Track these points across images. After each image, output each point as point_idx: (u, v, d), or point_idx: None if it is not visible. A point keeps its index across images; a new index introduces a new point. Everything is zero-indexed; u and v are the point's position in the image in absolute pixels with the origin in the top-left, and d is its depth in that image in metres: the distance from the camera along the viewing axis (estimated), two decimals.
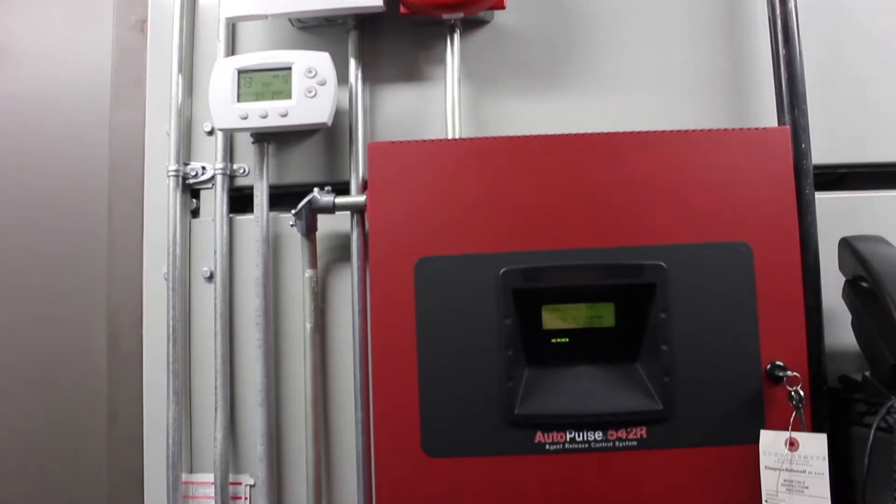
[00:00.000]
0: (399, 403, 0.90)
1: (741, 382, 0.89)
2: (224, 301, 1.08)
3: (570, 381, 0.92)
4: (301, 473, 1.06)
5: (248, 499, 1.08)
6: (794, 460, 0.85)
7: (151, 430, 1.11)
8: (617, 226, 0.92)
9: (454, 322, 0.91)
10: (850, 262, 0.93)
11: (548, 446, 0.89)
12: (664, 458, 0.89)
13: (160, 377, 1.09)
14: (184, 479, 1.08)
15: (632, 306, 0.93)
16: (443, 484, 0.89)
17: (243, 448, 1.09)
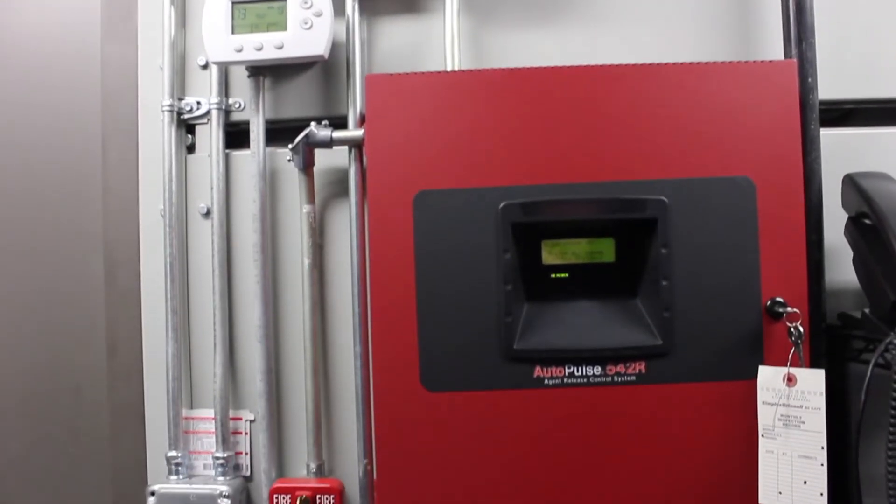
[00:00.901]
0: (398, 338, 0.90)
1: (741, 318, 0.89)
2: (221, 237, 1.08)
3: (569, 316, 0.92)
4: (301, 408, 1.06)
5: (248, 434, 1.09)
6: (791, 396, 0.85)
7: (151, 367, 1.11)
8: (618, 160, 0.91)
9: (453, 256, 0.90)
10: (853, 198, 0.92)
11: (546, 381, 0.89)
12: (663, 393, 0.89)
13: (158, 314, 1.09)
14: (184, 415, 1.09)
15: (632, 241, 0.92)
16: (441, 418, 0.90)
17: (243, 384, 1.09)
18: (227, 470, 1.06)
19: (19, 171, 1.36)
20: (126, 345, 1.14)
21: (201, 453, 1.09)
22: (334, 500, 0.98)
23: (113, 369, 1.15)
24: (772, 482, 0.86)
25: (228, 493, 1.02)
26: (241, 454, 1.09)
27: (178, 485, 1.05)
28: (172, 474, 1.07)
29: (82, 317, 1.32)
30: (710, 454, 0.89)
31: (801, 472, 0.84)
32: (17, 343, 1.36)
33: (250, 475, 1.09)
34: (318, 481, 1.02)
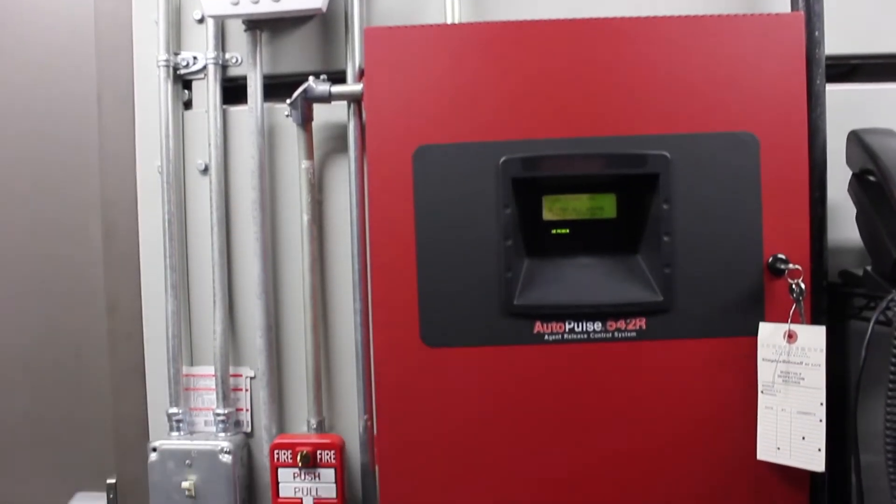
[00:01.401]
0: (398, 294, 0.90)
1: (742, 275, 0.89)
2: (220, 194, 1.07)
3: (569, 272, 0.91)
4: (301, 365, 1.07)
5: (248, 390, 1.09)
6: (791, 352, 0.85)
7: (151, 324, 1.11)
8: (620, 114, 0.89)
9: (453, 212, 0.89)
10: (858, 155, 0.91)
11: (546, 336, 0.89)
12: (663, 349, 0.89)
13: (157, 271, 1.09)
14: (184, 372, 1.09)
15: (634, 197, 0.92)
16: (441, 374, 0.90)
17: (243, 340, 1.09)
18: (227, 426, 1.07)
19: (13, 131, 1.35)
20: (126, 303, 1.13)
21: (202, 410, 1.10)
22: (335, 455, 0.99)
23: (113, 328, 1.15)
24: (770, 438, 0.86)
25: (229, 449, 1.03)
26: (242, 410, 1.09)
27: (180, 441, 1.05)
28: (174, 431, 1.08)
29: (81, 276, 1.32)
30: (709, 410, 0.89)
31: (800, 428, 0.84)
32: (17, 305, 1.36)
33: (251, 431, 1.09)
34: (318, 437, 1.02)
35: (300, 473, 0.99)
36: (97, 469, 1.30)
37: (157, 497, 1.04)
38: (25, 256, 1.35)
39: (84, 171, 1.30)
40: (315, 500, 0.99)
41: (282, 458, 0.99)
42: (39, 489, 1.37)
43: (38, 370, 1.35)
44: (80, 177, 1.31)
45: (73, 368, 1.34)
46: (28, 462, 1.37)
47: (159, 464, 1.04)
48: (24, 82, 1.35)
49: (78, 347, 1.33)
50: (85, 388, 1.33)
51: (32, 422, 1.37)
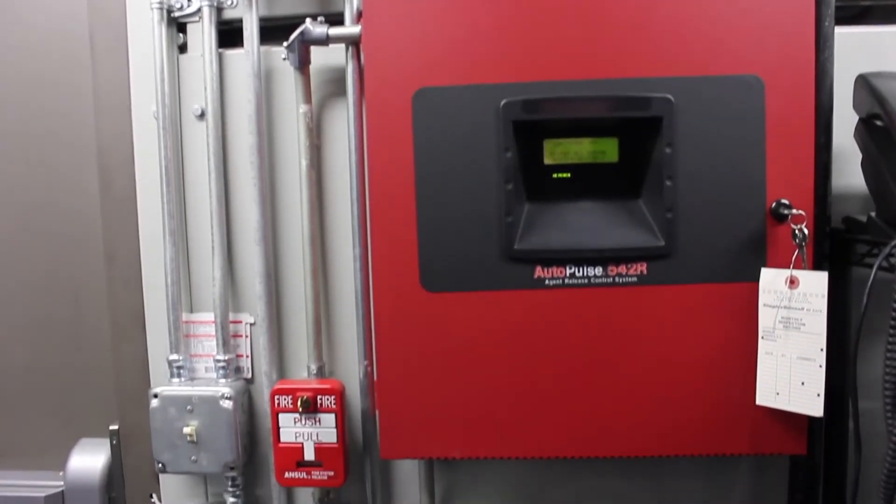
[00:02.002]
0: (397, 239, 0.89)
1: (745, 220, 0.88)
2: (217, 139, 1.05)
3: (570, 216, 0.90)
4: (300, 310, 1.06)
5: (248, 337, 1.09)
6: (792, 298, 0.85)
7: (149, 272, 1.11)
8: (623, 56, 0.87)
9: (453, 155, 0.88)
10: (865, 99, 0.89)
11: (547, 281, 0.88)
12: (664, 294, 0.88)
13: (155, 218, 1.08)
14: (184, 319, 1.09)
15: (636, 141, 0.90)
16: (441, 319, 0.89)
17: (242, 287, 1.09)
18: (228, 372, 1.07)
19: (4, 77, 1.33)
20: (124, 250, 1.13)
21: (202, 356, 1.10)
22: (335, 400, 0.99)
23: (112, 275, 1.15)
24: (770, 383, 0.86)
25: (230, 395, 1.03)
26: (242, 357, 1.09)
27: (181, 387, 1.06)
28: (174, 377, 1.08)
29: (78, 223, 1.32)
30: (709, 355, 0.89)
31: (800, 374, 0.84)
32: (15, 253, 1.35)
33: (251, 377, 1.10)
34: (318, 382, 1.03)
35: (301, 419, 1.00)
36: (100, 416, 1.31)
37: (160, 442, 1.05)
38: (21, 205, 1.34)
39: (79, 117, 1.28)
40: (316, 444, 1.00)
41: (282, 403, 1.00)
42: (43, 436, 1.39)
43: (37, 319, 1.35)
44: (75, 122, 1.29)
45: (73, 317, 1.34)
46: (31, 410, 1.38)
47: (160, 410, 1.04)
48: (15, 26, 1.32)
49: (77, 295, 1.33)
50: (85, 337, 1.34)
51: (34, 371, 1.37)
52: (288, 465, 1.01)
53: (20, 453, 1.40)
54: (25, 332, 1.36)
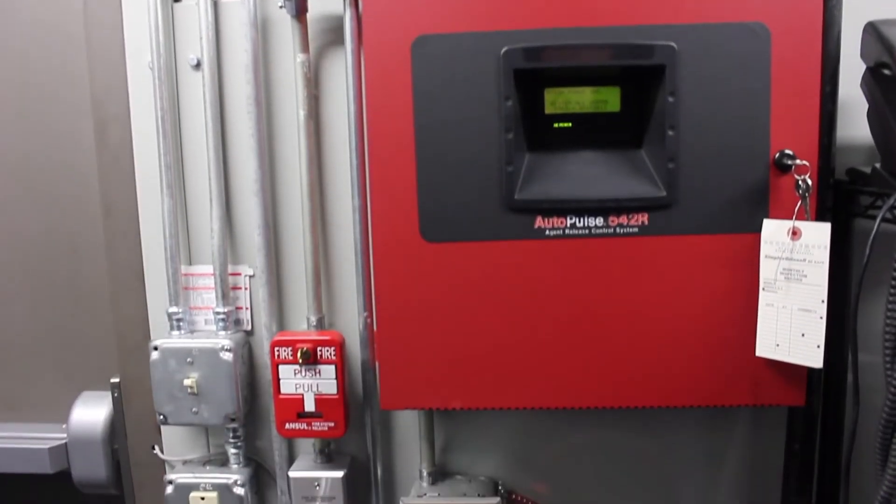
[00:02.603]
0: (397, 189, 0.88)
1: (748, 170, 0.87)
2: (213, 90, 1.04)
3: (571, 166, 0.89)
4: (299, 262, 1.06)
5: (247, 289, 1.09)
6: (794, 249, 0.84)
7: (147, 224, 1.10)
8: (626, 3, 0.85)
9: (453, 104, 0.87)
10: (874, 47, 0.87)
11: (548, 232, 0.88)
12: (665, 245, 0.88)
13: (152, 170, 1.07)
14: (183, 272, 1.09)
15: (639, 90, 0.89)
16: (441, 269, 0.89)
17: (241, 239, 1.08)
18: (227, 324, 1.07)
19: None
20: (121, 203, 1.12)
21: (202, 309, 1.10)
22: (335, 352, 0.99)
23: (109, 228, 1.14)
24: (770, 335, 0.86)
25: (230, 347, 1.03)
26: (242, 309, 1.09)
27: (181, 339, 1.06)
28: (174, 330, 1.08)
29: (74, 177, 1.31)
30: (709, 307, 0.89)
31: (800, 325, 0.84)
32: (11, 208, 1.35)
33: (251, 329, 1.10)
34: (318, 334, 1.03)
35: (301, 370, 1.00)
36: (101, 369, 1.31)
37: (161, 394, 1.06)
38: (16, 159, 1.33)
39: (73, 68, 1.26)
40: (316, 396, 1.00)
41: (282, 355, 1.00)
42: (46, 390, 1.39)
43: (36, 274, 1.35)
44: (69, 74, 1.28)
45: (72, 270, 1.34)
46: (33, 364, 1.39)
47: (161, 362, 1.05)
48: None
49: (75, 249, 1.33)
50: (84, 290, 1.34)
51: (35, 325, 1.37)
52: (288, 417, 1.01)
53: (24, 406, 1.41)
54: (25, 286, 1.36)
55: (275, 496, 1.13)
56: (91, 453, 1.30)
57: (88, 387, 1.34)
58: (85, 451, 1.30)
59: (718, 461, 1.09)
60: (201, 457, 1.14)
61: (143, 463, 1.21)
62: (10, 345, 1.39)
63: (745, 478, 1.09)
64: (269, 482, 1.14)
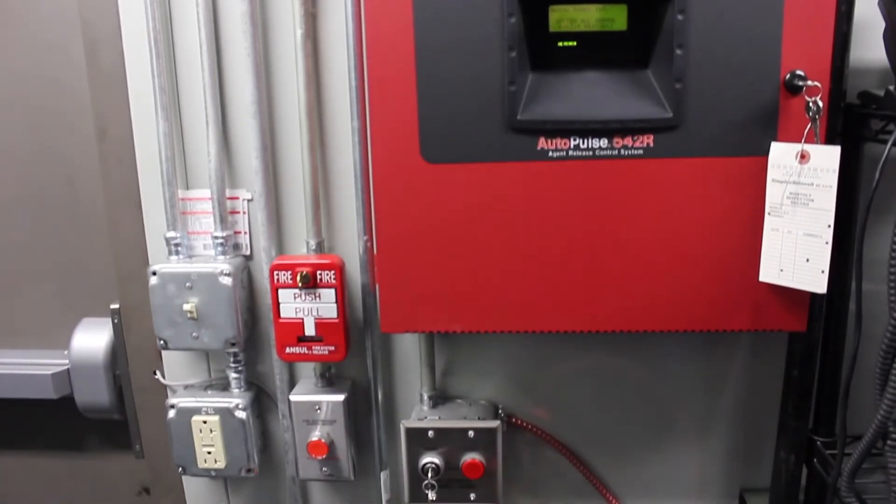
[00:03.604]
0: (397, 110, 0.86)
1: (757, 92, 0.84)
2: (207, 8, 1.00)
3: (576, 86, 0.87)
4: (298, 185, 1.05)
5: (246, 213, 1.08)
6: (802, 173, 0.83)
7: (142, 148, 1.08)
8: None
9: (455, 21, 0.83)
10: None
11: (551, 153, 0.86)
12: (670, 167, 0.86)
13: (146, 93, 1.04)
14: (181, 196, 1.08)
15: (646, 8, 0.85)
16: (442, 191, 0.87)
17: (238, 162, 1.07)
18: (226, 249, 1.06)
19: None
20: (115, 127, 1.10)
21: (200, 234, 1.09)
22: (335, 275, 0.99)
23: (104, 152, 1.12)
24: (774, 259, 0.85)
25: (229, 272, 1.03)
26: (240, 233, 1.08)
27: (179, 264, 1.05)
28: (172, 255, 1.08)
29: (67, 100, 1.28)
30: (713, 231, 0.87)
31: (805, 250, 0.83)
32: (4, 131, 1.32)
33: (250, 254, 1.09)
34: (318, 257, 1.02)
35: (300, 294, 1.00)
36: (101, 295, 1.31)
37: (160, 320, 1.05)
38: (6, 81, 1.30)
39: None
40: (316, 320, 1.00)
41: (281, 279, 0.99)
42: (46, 318, 1.40)
43: (32, 199, 1.34)
44: None
45: (67, 195, 1.32)
46: (33, 291, 1.39)
47: (160, 287, 1.04)
48: None
49: (70, 173, 1.31)
50: (81, 216, 1.32)
51: (32, 253, 1.37)
52: (289, 341, 1.01)
53: (24, 334, 1.41)
54: (21, 212, 1.35)
55: (276, 420, 1.14)
56: (93, 379, 1.31)
57: (88, 313, 1.34)
58: (87, 377, 1.31)
59: (717, 387, 1.10)
60: (202, 382, 1.15)
61: (144, 388, 1.22)
62: (9, 272, 1.38)
63: (742, 403, 1.10)
64: (271, 406, 1.15)
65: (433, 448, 1.03)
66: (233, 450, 1.10)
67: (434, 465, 1.02)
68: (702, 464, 1.14)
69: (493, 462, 1.03)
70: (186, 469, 1.12)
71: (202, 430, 1.09)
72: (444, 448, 1.03)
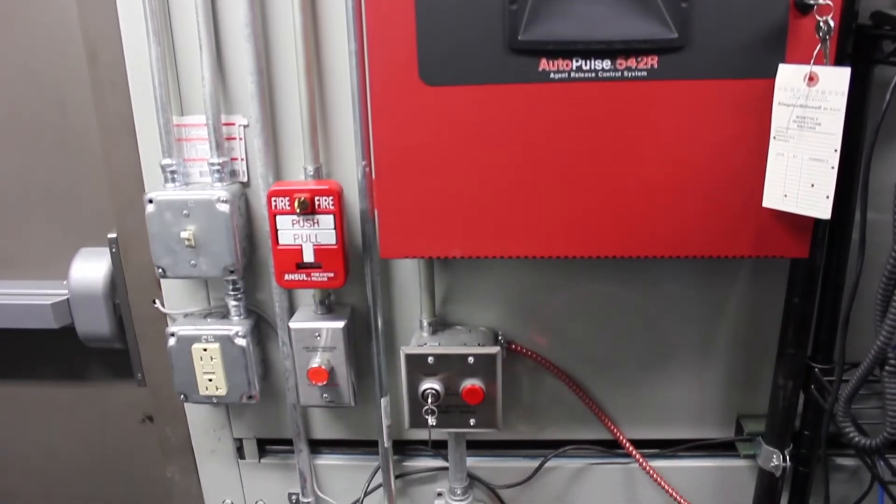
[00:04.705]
0: (395, 30, 0.84)
1: (766, 11, 0.81)
2: None
3: (579, 6, 0.83)
4: (295, 110, 1.02)
5: (242, 139, 1.06)
6: (810, 96, 0.81)
7: (135, 73, 1.05)
8: None
9: None
10: None
11: (552, 75, 0.84)
12: (675, 89, 0.84)
13: (137, 16, 1.01)
14: (175, 122, 1.06)
15: None
16: (442, 114, 0.86)
17: (233, 87, 1.04)
18: (223, 176, 1.05)
19: None
20: (106, 51, 1.07)
21: (196, 160, 1.07)
22: (333, 201, 0.97)
23: (96, 78, 1.09)
24: (778, 185, 0.84)
25: (226, 198, 1.01)
26: (237, 160, 1.07)
27: (175, 192, 1.04)
28: (168, 182, 1.06)
29: (56, 23, 1.24)
30: (717, 155, 0.86)
31: (810, 175, 0.82)
32: None
33: (247, 181, 1.08)
34: (316, 183, 1.01)
35: (299, 220, 0.98)
36: (98, 224, 1.30)
37: (158, 247, 1.04)
38: None
39: None
40: (315, 246, 0.99)
41: (279, 205, 0.98)
42: (44, 248, 1.39)
43: (24, 125, 1.31)
44: None
45: (60, 122, 1.30)
46: (29, 221, 1.38)
47: (157, 215, 1.03)
48: None
49: (62, 99, 1.28)
50: (74, 144, 1.30)
51: (27, 183, 1.35)
52: (287, 268, 1.01)
53: (23, 265, 1.41)
54: (13, 140, 1.33)
55: (276, 347, 1.14)
56: (93, 309, 1.31)
57: (86, 243, 1.33)
58: (87, 306, 1.31)
59: (716, 314, 1.10)
60: (202, 310, 1.15)
61: (144, 317, 1.22)
62: (3, 203, 1.37)
63: (741, 331, 1.11)
64: (271, 334, 1.15)
65: (433, 374, 1.03)
66: (233, 377, 1.11)
67: (434, 391, 1.03)
68: (700, 390, 1.15)
69: (492, 388, 1.03)
70: (188, 396, 1.13)
71: (202, 358, 1.09)
72: (443, 374, 1.03)
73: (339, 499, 1.24)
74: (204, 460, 1.27)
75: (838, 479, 1.17)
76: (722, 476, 1.19)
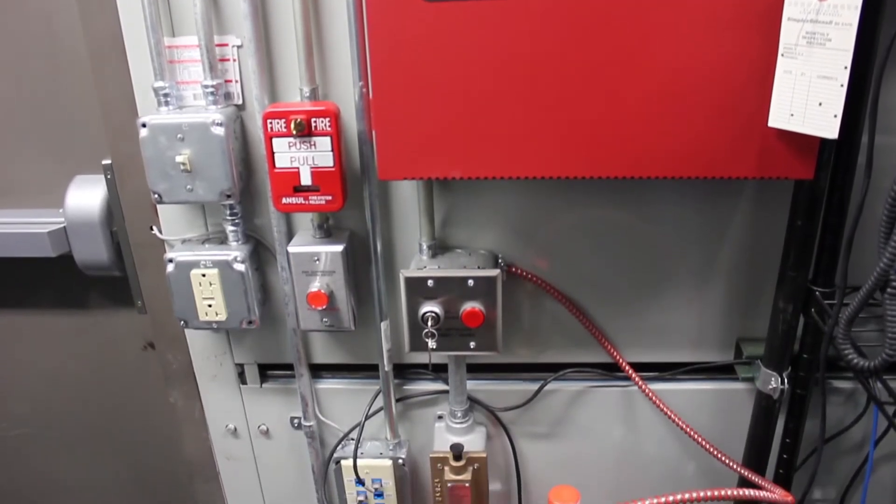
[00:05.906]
0: None
1: None
2: None
3: None
4: (290, 30, 0.99)
5: (236, 60, 1.03)
6: (821, 10, 0.78)
7: None
8: None
9: None
10: None
11: None
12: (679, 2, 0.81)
13: None
14: (167, 44, 1.03)
15: None
16: (440, 31, 0.83)
17: (225, 6, 1.01)
18: (217, 98, 1.02)
19: None
20: None
21: (189, 83, 1.05)
22: (330, 123, 0.95)
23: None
24: (785, 104, 0.82)
25: (221, 121, 0.99)
26: (231, 82, 1.04)
27: (169, 115, 1.01)
28: (162, 105, 1.04)
29: None
30: (722, 73, 0.83)
31: (818, 94, 0.80)
32: None
33: (242, 103, 1.05)
34: (312, 104, 0.98)
35: (295, 143, 0.96)
36: (92, 151, 1.28)
37: (154, 173, 1.03)
38: None
39: None
40: (312, 169, 0.97)
41: (275, 127, 0.96)
42: (39, 176, 1.37)
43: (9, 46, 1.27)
44: None
45: (48, 45, 1.26)
46: (22, 149, 1.36)
47: (151, 139, 1.01)
48: None
49: (49, 19, 1.24)
50: (63, 68, 1.27)
51: (17, 107, 1.32)
52: (285, 191, 0.99)
53: (17, 193, 1.39)
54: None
55: (275, 272, 1.14)
56: (90, 236, 1.31)
57: (81, 170, 1.31)
58: (84, 234, 1.31)
59: (718, 237, 1.09)
60: (200, 235, 1.14)
61: (142, 243, 1.22)
62: None
63: (742, 254, 1.10)
64: (269, 258, 1.14)
65: (433, 297, 1.03)
66: (233, 302, 1.11)
67: (434, 314, 1.03)
68: (700, 313, 1.15)
69: (492, 311, 1.03)
70: (188, 322, 1.13)
71: (201, 284, 1.09)
72: (443, 297, 1.03)
73: (341, 422, 1.26)
74: (206, 386, 1.28)
75: (834, 401, 1.18)
76: (720, 399, 1.20)
